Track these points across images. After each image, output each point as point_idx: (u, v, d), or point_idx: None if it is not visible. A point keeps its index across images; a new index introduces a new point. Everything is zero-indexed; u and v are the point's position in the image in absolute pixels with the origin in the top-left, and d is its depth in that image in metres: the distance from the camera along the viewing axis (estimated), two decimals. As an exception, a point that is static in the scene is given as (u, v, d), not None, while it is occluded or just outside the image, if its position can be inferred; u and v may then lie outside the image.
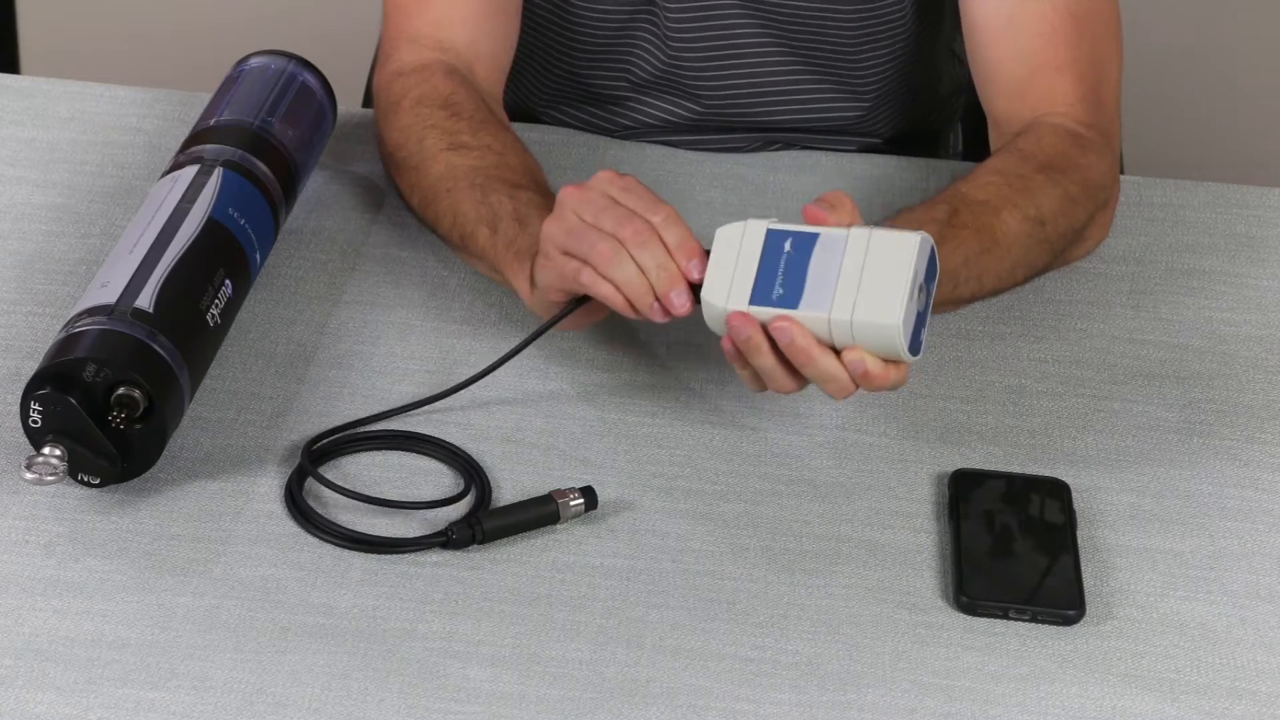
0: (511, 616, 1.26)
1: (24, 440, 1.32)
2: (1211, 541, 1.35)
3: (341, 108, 1.68)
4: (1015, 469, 1.39)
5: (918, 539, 1.33)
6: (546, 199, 1.45)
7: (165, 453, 1.34)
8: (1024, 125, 1.56)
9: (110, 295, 1.33)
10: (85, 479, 1.30)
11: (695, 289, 1.32)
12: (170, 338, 1.32)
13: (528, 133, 1.68)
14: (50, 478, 1.28)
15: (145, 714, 1.18)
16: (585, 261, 1.33)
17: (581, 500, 1.32)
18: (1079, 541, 1.33)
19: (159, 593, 1.26)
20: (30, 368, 1.39)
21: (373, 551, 1.29)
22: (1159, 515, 1.36)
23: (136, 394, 1.29)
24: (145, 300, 1.33)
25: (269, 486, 1.34)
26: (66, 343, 1.31)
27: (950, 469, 1.38)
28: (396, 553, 1.29)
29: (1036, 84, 1.57)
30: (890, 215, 1.47)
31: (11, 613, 1.24)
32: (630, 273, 1.32)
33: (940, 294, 1.38)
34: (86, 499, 1.32)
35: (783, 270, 1.30)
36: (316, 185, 1.62)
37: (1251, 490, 1.39)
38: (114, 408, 1.29)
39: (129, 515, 1.31)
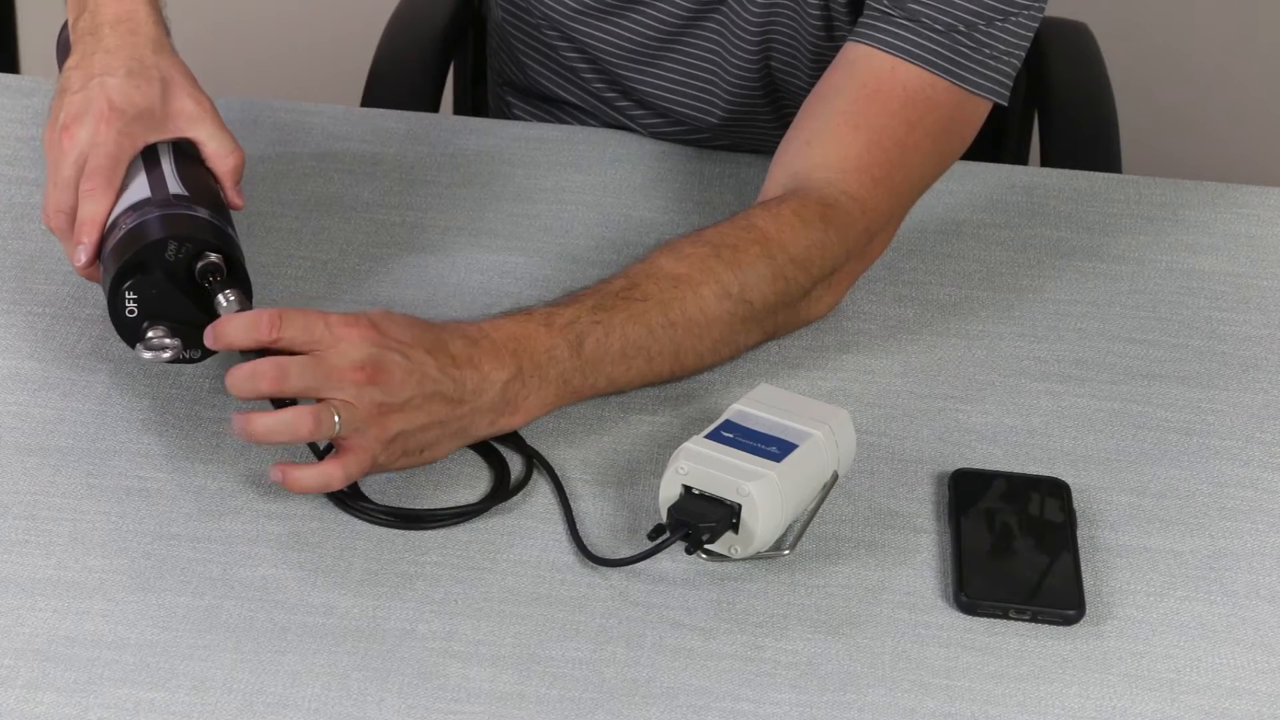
0: (511, 616, 1.26)
1: (26, 434, 1.32)
2: (1211, 541, 1.35)
3: (341, 108, 1.68)
4: (1015, 469, 1.39)
5: (918, 539, 1.33)
6: None
7: (164, 453, 1.34)
8: (791, 180, 1.48)
9: (142, 192, 1.36)
10: (189, 355, 1.34)
11: None
12: (208, 210, 1.36)
13: (529, 131, 1.68)
14: (166, 355, 1.32)
15: (145, 714, 1.18)
16: None
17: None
18: (1079, 541, 1.33)
19: (159, 593, 1.26)
20: (31, 368, 1.39)
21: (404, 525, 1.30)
22: (1159, 515, 1.36)
23: (216, 258, 1.33)
24: (175, 185, 1.37)
25: (269, 486, 1.34)
26: (134, 234, 1.33)
27: (950, 469, 1.38)
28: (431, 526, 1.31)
29: (830, 129, 1.48)
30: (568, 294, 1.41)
31: (11, 613, 1.24)
32: None
33: (617, 371, 1.37)
34: (85, 499, 1.32)
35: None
36: (317, 185, 1.62)
37: (1251, 490, 1.39)
38: (205, 276, 1.32)
39: (129, 515, 1.31)
